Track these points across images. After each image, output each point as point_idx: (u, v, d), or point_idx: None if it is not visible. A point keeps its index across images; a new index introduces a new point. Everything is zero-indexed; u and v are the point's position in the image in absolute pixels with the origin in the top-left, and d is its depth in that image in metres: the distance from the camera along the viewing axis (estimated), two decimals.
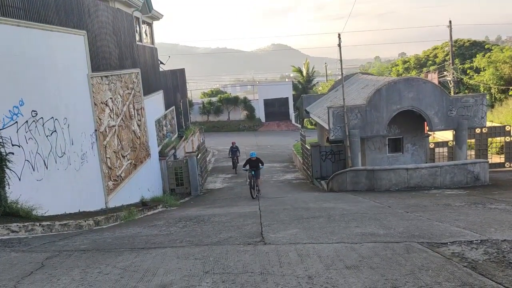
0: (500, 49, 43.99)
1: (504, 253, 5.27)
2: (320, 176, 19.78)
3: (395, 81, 17.92)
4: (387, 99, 17.37)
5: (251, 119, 47.51)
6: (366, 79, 23.09)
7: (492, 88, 39.76)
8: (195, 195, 18.27)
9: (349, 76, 26.13)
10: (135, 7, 19.38)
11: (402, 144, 19.00)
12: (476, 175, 15.25)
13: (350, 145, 17.60)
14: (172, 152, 20.51)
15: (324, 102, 23.30)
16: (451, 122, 17.77)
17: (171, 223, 9.21)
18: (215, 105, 47.30)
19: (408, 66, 54.08)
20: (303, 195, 15.43)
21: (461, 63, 45.47)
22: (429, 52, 54.45)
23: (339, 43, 17.94)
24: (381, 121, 17.47)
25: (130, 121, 15.66)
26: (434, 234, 6.62)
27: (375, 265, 5.02)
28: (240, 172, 22.59)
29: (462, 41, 50.10)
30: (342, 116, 17.38)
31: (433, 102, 17.46)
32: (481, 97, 18.09)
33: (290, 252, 5.78)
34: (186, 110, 30.33)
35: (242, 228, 7.97)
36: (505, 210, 9.08)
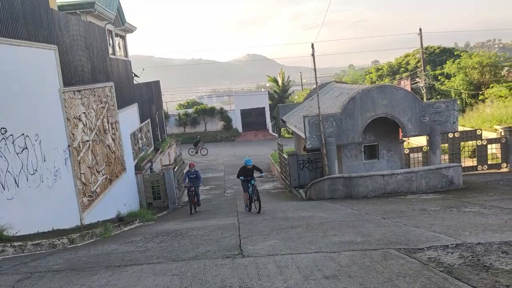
0: (469, 55, 45.20)
1: (478, 256, 5.35)
2: (298, 185, 19.81)
3: (368, 89, 18.17)
4: (361, 106, 17.59)
5: (228, 129, 47.44)
6: (340, 87, 23.36)
7: (462, 93, 40.76)
8: (173, 208, 18.06)
9: (324, 84, 26.40)
10: (107, 20, 19.19)
11: (378, 151, 19.23)
12: (450, 179, 15.52)
13: (326, 153, 17.72)
14: (149, 166, 20.27)
15: (300, 111, 23.45)
16: (424, 128, 18.09)
17: (148, 239, 9.06)
18: (192, 117, 47.07)
19: (382, 74, 55.03)
20: (281, 205, 15.42)
21: (433, 70, 46.51)
22: (401, 60, 55.56)
23: (313, 53, 18.13)
24: (356, 128, 17.66)
25: (104, 136, 15.41)
26: (410, 240, 6.68)
27: (353, 273, 5.03)
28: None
29: (432, 48, 51.32)
30: (317, 124, 17.50)
31: (406, 108, 17.76)
32: (452, 103, 18.50)
33: (269, 264, 5.74)
34: (162, 123, 30.07)
35: (221, 241, 7.89)
36: (478, 213, 9.25)
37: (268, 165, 28.62)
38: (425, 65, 42.35)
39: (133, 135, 20.25)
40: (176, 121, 46.78)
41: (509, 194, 12.67)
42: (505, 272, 4.66)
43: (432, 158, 18.61)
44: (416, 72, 45.31)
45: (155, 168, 21.17)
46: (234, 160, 32.61)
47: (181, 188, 21.17)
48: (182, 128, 47.08)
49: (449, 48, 53.03)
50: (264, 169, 27.81)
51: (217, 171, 28.05)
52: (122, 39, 23.13)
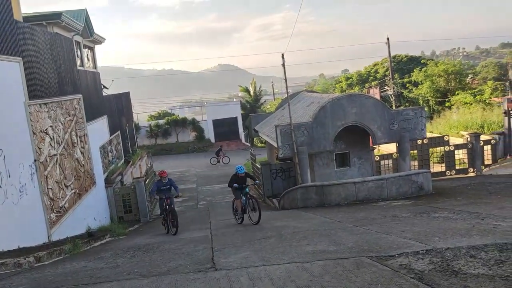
0: (435, 64, 46.50)
1: (448, 261, 5.43)
2: (271, 194, 19.81)
3: (338, 97, 18.41)
4: (332, 115, 17.78)
5: (201, 140, 47.16)
6: (311, 96, 23.60)
7: (430, 100, 41.83)
8: (145, 221, 17.73)
9: (295, 94, 26.62)
10: (75, 31, 18.85)
11: (349, 159, 19.45)
12: (420, 185, 15.81)
13: (299, 162, 17.80)
14: (119, 179, 19.88)
15: (272, 121, 23.54)
16: (393, 135, 18.42)
17: (118, 254, 8.85)
18: (163, 128, 46.58)
19: (351, 82, 55.93)
20: None
21: (401, 78, 47.60)
22: (370, 68, 56.65)
23: (283, 62, 18.27)
24: (327, 137, 17.83)
25: (72, 149, 15.05)
26: (382, 247, 6.74)
27: (326, 283, 5.02)
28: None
29: (400, 57, 52.54)
30: (289, 133, 17.59)
31: (375, 116, 18.06)
32: (420, 110, 18.92)
33: (242, 276, 5.68)
34: (132, 134, 29.65)
35: (193, 255, 7.78)
36: (447, 218, 9.44)
37: None
38: (393, 73, 43.31)
39: (103, 148, 19.87)
40: (147, 133, 46.22)
41: (476, 198, 12.99)
42: (473, 276, 4.74)
43: (402, 165, 18.95)
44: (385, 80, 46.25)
45: (126, 181, 20.79)
46: (206, 171, 32.40)
47: (153, 201, 20.84)
48: (154, 140, 46.53)
49: (416, 56, 54.43)
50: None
51: (189, 182, 27.79)
52: (91, 51, 22.76)
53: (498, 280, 4.54)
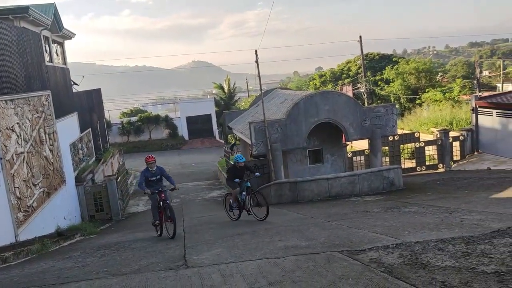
0: (406, 62, 47.33)
1: (417, 255, 5.52)
2: None
3: (311, 94, 18.52)
4: (305, 112, 17.88)
5: (174, 137, 46.73)
6: (285, 93, 23.67)
7: (401, 97, 42.57)
8: (117, 220, 17.44)
9: (268, 91, 26.66)
10: (43, 26, 18.32)
11: (322, 155, 19.61)
12: (391, 181, 16.07)
13: (272, 159, 17.83)
14: (90, 177, 19.49)
15: (246, 118, 23.50)
16: (365, 132, 18.66)
17: (88, 253, 8.67)
18: (135, 125, 45.93)
19: (325, 80, 56.39)
20: None
21: (373, 75, 48.26)
22: (343, 66, 57.22)
23: (257, 59, 18.25)
24: (300, 134, 17.92)
25: (41, 147, 14.65)
26: (353, 241, 6.80)
27: (297, 278, 5.03)
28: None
29: (372, 55, 53.24)
30: (263, 130, 17.60)
31: (348, 113, 18.25)
32: (391, 107, 19.22)
33: (213, 273, 5.64)
34: (104, 132, 29.11)
35: (164, 253, 7.68)
36: (417, 213, 9.61)
37: (215, 172, 28.43)
38: (366, 71, 43.90)
39: (73, 146, 19.42)
40: (119, 130, 45.49)
41: (445, 193, 13.29)
42: (441, 269, 4.83)
43: (373, 161, 19.22)
44: (358, 78, 46.87)
45: (97, 179, 20.40)
46: (180, 169, 32.13)
47: (125, 199, 20.52)
48: (126, 137, 45.85)
49: (388, 54, 55.27)
50: (212, 177, 27.64)
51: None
52: (60, 46, 22.19)
53: (464, 272, 4.64)
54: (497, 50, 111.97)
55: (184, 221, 13.79)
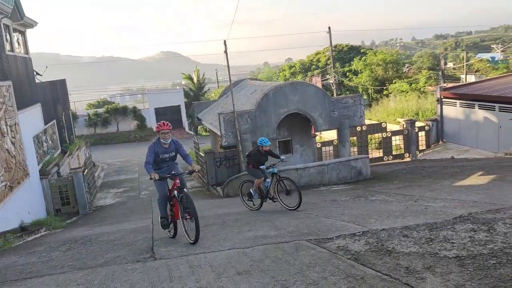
0: (374, 53, 48.07)
1: (382, 242, 5.63)
2: (216, 183, 19.72)
3: (281, 85, 18.55)
4: (274, 103, 17.90)
5: (142, 129, 46.01)
6: (254, 84, 23.63)
7: (369, 88, 43.27)
8: (84, 213, 17.07)
9: (238, 82, 26.55)
10: (3, 14, 17.60)
11: (292, 146, 19.72)
12: (359, 170, 16.33)
13: (242, 150, 17.81)
14: (55, 170, 18.97)
15: (215, 109, 23.36)
16: (334, 122, 18.86)
17: (53, 248, 8.46)
18: (102, 117, 44.93)
19: (294, 71, 56.65)
20: (198, 203, 15.15)
21: (341, 67, 48.80)
22: (312, 57, 57.59)
23: (225, 50, 18.12)
24: (270, 124, 17.95)
25: (2, 139, 14.15)
26: (321, 230, 6.88)
27: (266, 267, 5.05)
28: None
29: (341, 46, 53.76)
30: (233, 121, 17.54)
31: (316, 104, 18.38)
32: (359, 98, 19.48)
33: (182, 265, 5.60)
34: (69, 124, 28.35)
35: (132, 245, 7.57)
36: (383, 201, 9.80)
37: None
38: (335, 62, 44.32)
39: (37, 138, 18.84)
40: (85, 122, 44.43)
41: (411, 182, 13.61)
42: (405, 255, 4.94)
43: (342, 151, 19.47)
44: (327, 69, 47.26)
45: (63, 172, 19.89)
46: None
47: (93, 192, 20.09)
48: (93, 129, 44.84)
49: (356, 46, 55.94)
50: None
51: (131, 172, 27.08)
52: (22, 35, 21.39)
53: (428, 257, 4.76)
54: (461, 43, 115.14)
55: (153, 213, 13.62)
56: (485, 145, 21.69)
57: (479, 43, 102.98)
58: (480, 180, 12.15)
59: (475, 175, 13.22)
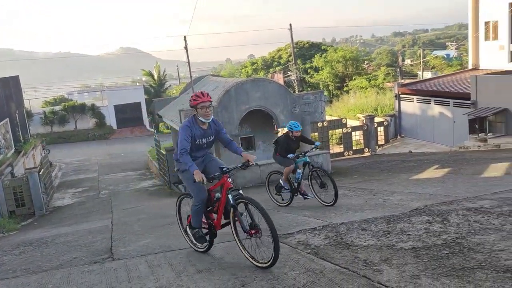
0: (334, 50, 48.78)
1: (341, 235, 5.71)
2: (178, 181, 19.49)
3: (242, 82, 18.52)
4: (236, 99, 17.85)
5: (101, 126, 44.89)
6: (216, 80, 23.50)
7: (329, 85, 43.91)
8: (40, 215, 16.47)
9: (200, 78, 26.33)
10: None
11: (254, 142, 19.77)
12: (320, 165, 16.53)
13: None
14: (9, 170, 18.23)
15: (176, 105, 23.07)
16: (295, 119, 18.93)
17: (6, 251, 8.11)
18: (59, 114, 43.51)
19: (256, 67, 56.73)
20: (160, 202, 15.04)
21: (303, 63, 49.27)
22: (274, 54, 57.83)
23: (186, 45, 17.92)
24: (232, 121, 17.90)
25: None
26: (282, 225, 6.90)
27: (226, 265, 5.03)
28: None
29: (302, 43, 54.21)
30: None
31: (278, 100, 18.47)
32: (319, 94, 19.71)
33: (141, 264, 5.49)
34: (24, 122, 27.31)
35: (90, 246, 7.37)
36: (343, 195, 9.96)
37: (146, 162, 27.76)
38: (296, 59, 44.68)
39: None
40: (41, 120, 42.93)
41: (370, 176, 13.91)
42: (364, 248, 5.03)
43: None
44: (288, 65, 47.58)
45: (17, 172, 19.14)
46: (108, 159, 31.02)
47: (50, 193, 19.44)
48: (49, 127, 43.39)
49: (317, 43, 56.55)
50: (142, 167, 26.97)
51: (90, 171, 26.40)
52: None
53: (385, 249, 4.86)
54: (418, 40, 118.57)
55: (113, 212, 13.33)
56: (441, 140, 22.46)
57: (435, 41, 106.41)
58: (435, 173, 12.56)
59: (431, 169, 13.65)
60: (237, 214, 4.96)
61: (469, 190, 8.30)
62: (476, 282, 3.70)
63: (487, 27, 25.05)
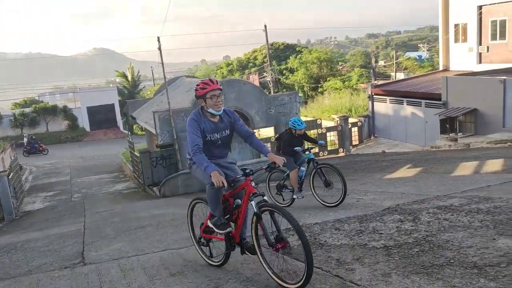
0: (309, 51, 49.18)
1: (315, 235, 5.74)
2: (152, 183, 19.27)
3: None
4: None
5: (74, 129, 44.07)
6: (191, 82, 23.35)
7: (304, 86, 44.24)
8: (10, 220, 16.01)
9: (174, 79, 26.15)
10: None
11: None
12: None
13: (179, 148, 17.56)
14: None
15: (150, 107, 22.83)
16: (270, 120, 19.08)
17: None
18: (30, 116, 42.50)
19: (232, 69, 56.71)
20: (134, 205, 14.83)
21: (278, 64, 49.49)
22: (249, 55, 57.92)
23: (159, 46, 17.76)
24: None
25: None
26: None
27: (200, 267, 4.99)
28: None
29: (277, 44, 54.48)
30: (168, 120, 17.23)
31: (253, 101, 18.50)
32: (294, 95, 19.84)
33: (113, 268, 5.41)
34: None
35: (61, 251, 7.21)
36: None
37: (119, 165, 27.37)
38: (271, 60, 44.84)
39: None
40: (11, 122, 41.85)
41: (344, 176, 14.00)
42: (337, 247, 5.07)
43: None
44: (264, 67, 47.72)
45: None
46: (81, 162, 30.47)
47: (20, 197, 18.92)
48: (19, 130, 42.33)
49: (292, 44, 56.93)
50: (116, 169, 26.57)
51: (62, 174, 25.87)
52: None
53: (357, 248, 4.92)
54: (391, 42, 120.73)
55: (86, 216, 13.07)
56: (413, 139, 22.88)
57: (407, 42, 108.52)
58: (408, 172, 12.77)
59: (403, 168, 13.88)
60: (261, 224, 4.24)
61: (440, 188, 8.47)
62: (445, 278, 3.77)
63: (457, 30, 25.68)
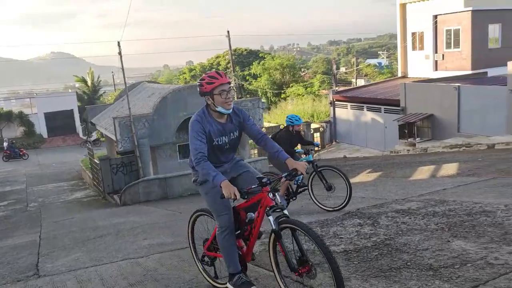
0: (272, 58, 49.58)
1: None
2: (113, 190, 18.83)
3: (179, 88, 18.32)
4: (173, 106, 17.60)
5: (30, 135, 42.51)
6: (153, 87, 23.06)
7: (268, 92, 44.51)
8: None
9: (135, 85, 25.76)
10: None
11: None
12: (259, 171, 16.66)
13: (140, 155, 17.27)
14: None
15: (110, 113, 22.36)
16: None
17: None
18: None
19: (195, 74, 56.38)
20: (93, 214, 14.43)
21: (241, 70, 49.60)
22: (212, 60, 57.79)
23: (120, 51, 17.44)
24: (169, 128, 17.62)
25: None
26: None
27: (159, 276, 4.90)
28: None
29: (240, 50, 54.60)
30: (129, 126, 16.91)
31: None
32: (257, 101, 19.93)
33: (69, 280, 5.22)
34: None
35: (14, 263, 6.90)
36: None
37: (79, 172, 26.61)
38: (234, 66, 44.90)
39: None
40: None
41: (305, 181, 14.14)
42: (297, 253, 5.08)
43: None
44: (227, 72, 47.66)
45: None
46: (37, 170, 29.41)
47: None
48: None
49: (255, 50, 57.21)
50: (75, 177, 25.81)
51: (17, 183, 24.88)
52: None
53: (318, 253, 4.94)
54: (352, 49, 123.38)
55: (42, 226, 12.61)
56: (373, 144, 23.42)
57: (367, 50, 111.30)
58: (368, 177, 13.04)
59: (364, 173, 14.16)
60: (282, 244, 3.61)
61: (398, 192, 8.67)
62: (402, 281, 3.85)
63: (414, 38, 26.55)
